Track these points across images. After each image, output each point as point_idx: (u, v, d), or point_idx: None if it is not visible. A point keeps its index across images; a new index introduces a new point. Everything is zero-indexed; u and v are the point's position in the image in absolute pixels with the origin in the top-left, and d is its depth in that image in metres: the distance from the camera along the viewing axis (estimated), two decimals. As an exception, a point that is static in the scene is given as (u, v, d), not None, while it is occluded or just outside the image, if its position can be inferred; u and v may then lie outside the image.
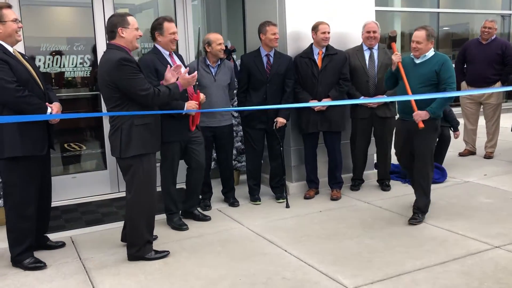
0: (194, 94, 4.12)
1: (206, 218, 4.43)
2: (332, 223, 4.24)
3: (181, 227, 4.21)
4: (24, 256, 3.48)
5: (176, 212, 4.29)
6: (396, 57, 4.20)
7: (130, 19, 3.43)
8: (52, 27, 5.35)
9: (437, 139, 5.49)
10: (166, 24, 4.04)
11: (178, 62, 4.18)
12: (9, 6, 3.39)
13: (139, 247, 3.54)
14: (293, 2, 5.04)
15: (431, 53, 4.11)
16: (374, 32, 4.89)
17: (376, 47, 4.98)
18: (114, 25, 3.40)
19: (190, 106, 4.03)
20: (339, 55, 4.85)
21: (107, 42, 3.53)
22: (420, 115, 4.01)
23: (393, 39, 4.61)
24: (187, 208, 4.44)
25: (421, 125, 4.02)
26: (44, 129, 3.49)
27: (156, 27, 4.07)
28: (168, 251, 3.67)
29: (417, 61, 4.14)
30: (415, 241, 3.75)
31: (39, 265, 3.48)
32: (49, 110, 3.43)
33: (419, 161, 4.18)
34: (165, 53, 4.11)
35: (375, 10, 5.60)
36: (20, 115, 3.29)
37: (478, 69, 6.33)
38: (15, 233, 3.46)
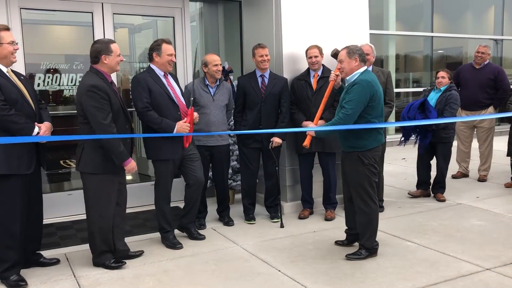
0: (187, 110, 4.19)
1: (200, 237, 4.45)
2: (326, 244, 4.27)
3: (175, 245, 4.23)
4: (9, 273, 3.46)
5: (170, 231, 4.31)
6: (330, 76, 4.10)
7: (113, 46, 3.71)
8: (52, 46, 5.44)
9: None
10: (165, 46, 4.12)
11: (173, 83, 4.26)
12: (7, 29, 3.47)
13: (96, 254, 3.80)
14: (290, 24, 5.16)
15: (355, 75, 3.79)
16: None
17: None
18: (98, 52, 3.67)
19: (181, 128, 4.07)
20: None
21: (91, 65, 3.75)
22: (309, 132, 4.10)
23: (336, 57, 4.27)
24: (184, 223, 4.44)
25: (305, 143, 4.14)
26: (31, 148, 3.50)
27: (154, 48, 4.15)
28: (125, 262, 3.82)
29: (346, 85, 3.91)
30: (407, 263, 3.79)
31: (20, 284, 3.46)
32: (36, 129, 3.45)
33: (353, 196, 3.92)
34: (160, 73, 4.18)
35: (370, 33, 5.73)
36: (7, 133, 3.33)
37: (471, 93, 6.44)
38: (0, 250, 3.45)
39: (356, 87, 3.71)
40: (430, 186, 5.78)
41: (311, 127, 4.59)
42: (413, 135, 5.56)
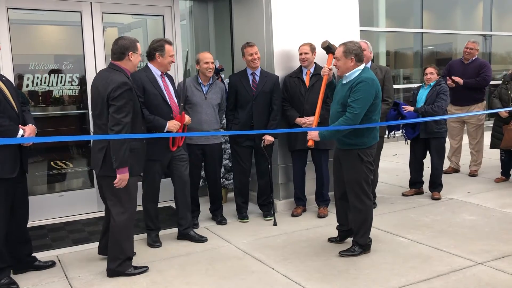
0: (178, 115, 4.15)
1: (202, 239, 4.35)
2: (319, 241, 4.27)
3: (154, 243, 4.23)
4: (0, 276, 3.42)
5: (154, 229, 4.30)
6: (324, 70, 4.06)
7: (138, 45, 3.61)
8: (41, 46, 5.38)
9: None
10: (167, 47, 4.12)
11: (168, 83, 4.25)
12: None
13: (120, 262, 3.59)
14: (280, 22, 5.15)
15: (355, 73, 3.77)
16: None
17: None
18: (126, 48, 3.54)
19: (172, 125, 4.06)
20: None
21: (111, 61, 3.59)
22: (311, 135, 3.96)
23: (327, 50, 4.28)
24: (181, 230, 4.38)
25: (310, 143, 4.00)
26: (15, 152, 3.41)
27: (157, 48, 4.12)
28: (147, 266, 3.71)
29: (343, 81, 3.86)
30: (400, 258, 3.80)
31: (11, 286, 3.42)
32: (20, 132, 3.37)
33: (348, 193, 3.91)
34: (157, 73, 4.17)
35: (360, 30, 5.74)
36: None
37: (460, 88, 6.48)
38: None
39: (362, 85, 3.67)
40: (422, 185, 5.78)
41: (314, 128, 4.56)
42: (399, 130, 5.63)
